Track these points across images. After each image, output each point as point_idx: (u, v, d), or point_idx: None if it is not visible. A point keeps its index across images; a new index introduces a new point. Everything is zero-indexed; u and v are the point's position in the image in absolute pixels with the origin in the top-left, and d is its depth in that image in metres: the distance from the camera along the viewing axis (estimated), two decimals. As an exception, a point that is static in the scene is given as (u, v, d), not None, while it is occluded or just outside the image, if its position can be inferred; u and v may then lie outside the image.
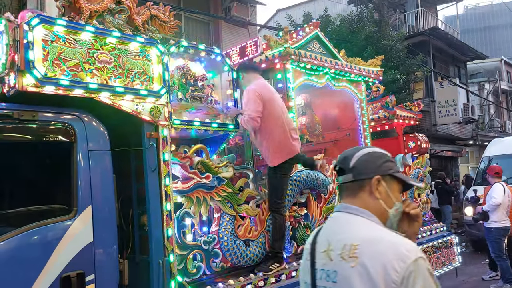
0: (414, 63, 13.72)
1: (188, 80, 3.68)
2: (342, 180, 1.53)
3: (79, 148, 2.82)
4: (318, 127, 5.99)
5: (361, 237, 1.38)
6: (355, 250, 1.34)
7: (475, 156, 21.75)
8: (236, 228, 3.69)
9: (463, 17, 35.05)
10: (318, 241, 1.50)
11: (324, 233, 1.52)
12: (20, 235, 2.52)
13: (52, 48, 2.75)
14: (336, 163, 1.58)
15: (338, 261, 1.38)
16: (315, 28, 5.31)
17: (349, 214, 1.47)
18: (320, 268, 1.45)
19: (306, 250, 1.57)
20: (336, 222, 1.52)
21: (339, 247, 1.39)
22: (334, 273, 1.39)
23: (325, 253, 1.44)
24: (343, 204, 1.52)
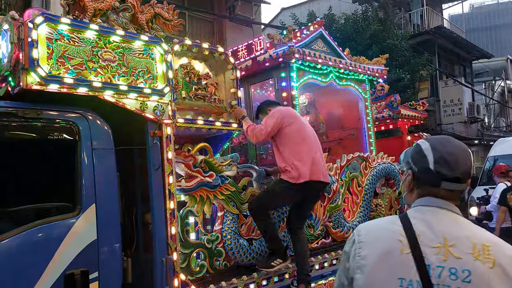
0: (419, 62, 13.66)
1: (191, 78, 3.68)
2: (457, 188, 1.40)
3: (83, 146, 2.83)
4: (322, 126, 5.98)
5: (487, 238, 1.33)
6: (489, 251, 1.28)
7: (480, 156, 21.63)
8: (239, 227, 3.69)
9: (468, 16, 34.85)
10: (421, 234, 1.33)
11: (425, 226, 1.35)
12: (24, 233, 2.52)
13: (57, 47, 2.76)
14: (455, 174, 1.38)
15: (472, 261, 1.27)
16: (319, 27, 5.30)
17: (454, 213, 1.40)
18: (438, 265, 1.28)
19: (394, 242, 1.35)
20: (441, 217, 1.38)
21: (468, 246, 1.29)
22: (465, 272, 1.26)
23: (439, 249, 1.30)
24: (441, 200, 1.40)
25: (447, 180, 1.39)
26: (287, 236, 3.98)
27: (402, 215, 1.43)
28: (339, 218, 4.55)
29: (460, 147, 1.43)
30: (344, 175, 4.75)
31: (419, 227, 1.36)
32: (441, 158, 1.40)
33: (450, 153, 1.40)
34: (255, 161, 5.14)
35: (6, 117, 2.61)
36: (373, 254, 1.35)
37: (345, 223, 4.62)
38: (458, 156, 1.40)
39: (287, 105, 4.64)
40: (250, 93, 5.17)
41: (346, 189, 4.72)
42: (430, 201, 1.41)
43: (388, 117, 6.53)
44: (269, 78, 4.95)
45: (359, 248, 1.40)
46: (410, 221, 1.38)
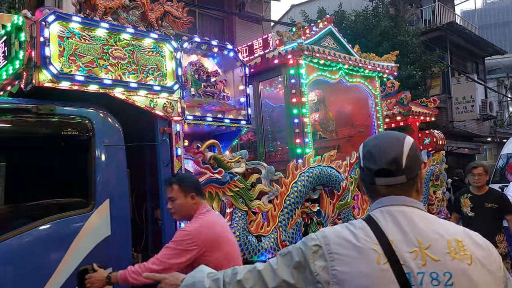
0: (431, 58, 13.51)
1: (201, 76, 3.70)
2: (390, 183, 1.31)
3: (96, 143, 2.86)
4: (331, 124, 5.96)
5: (457, 232, 1.26)
6: (464, 247, 1.21)
7: (494, 153, 21.36)
8: (248, 224, 3.70)
9: (481, 11, 34.38)
10: (394, 239, 1.23)
11: (396, 230, 1.25)
12: (39, 228, 2.57)
13: (68, 45, 2.81)
14: (380, 166, 1.30)
15: (449, 261, 1.19)
16: (328, 24, 5.28)
17: (415, 208, 1.30)
18: (418, 271, 1.18)
19: (369, 252, 1.23)
20: (407, 216, 1.28)
21: (443, 245, 1.21)
22: (446, 275, 1.17)
23: (416, 253, 1.20)
24: (402, 197, 1.31)
25: (378, 175, 1.31)
26: (295, 234, 3.99)
27: (367, 219, 1.31)
28: (349, 216, 4.55)
29: (390, 137, 1.35)
30: (354, 173, 4.74)
31: (391, 231, 1.25)
32: (368, 152, 1.35)
33: (375, 145, 1.34)
34: (264, 158, 5.16)
35: (22, 114, 2.66)
36: (351, 271, 1.21)
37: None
38: (382, 147, 1.32)
39: (296, 103, 4.64)
40: (259, 90, 5.17)
41: (355, 187, 4.71)
42: (393, 200, 1.31)
43: (399, 114, 6.47)
44: (278, 75, 4.95)
45: (331, 260, 1.24)
46: (379, 226, 1.27)
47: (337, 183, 4.47)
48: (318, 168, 4.30)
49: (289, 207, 4.00)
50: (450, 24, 16.66)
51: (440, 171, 6.29)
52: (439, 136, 6.55)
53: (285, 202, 3.99)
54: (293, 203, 4.02)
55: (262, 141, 5.23)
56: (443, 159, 6.42)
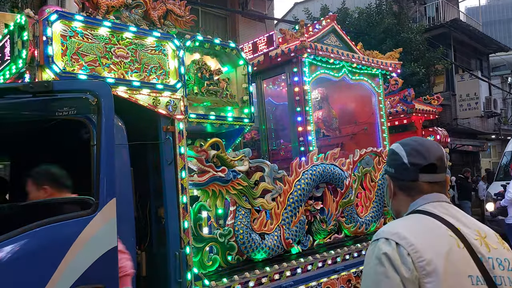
0: (435, 56, 13.47)
1: (203, 74, 3.70)
2: (435, 179, 1.42)
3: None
4: (334, 121, 5.95)
5: (488, 227, 1.41)
6: (502, 240, 1.37)
7: (498, 151, 21.27)
8: (252, 222, 3.70)
9: (485, 8, 34.20)
10: (460, 228, 1.31)
11: (458, 221, 1.34)
12: (20, 236, 2.07)
13: (71, 43, 2.81)
14: (428, 161, 1.39)
15: (503, 249, 1.33)
16: (331, 21, 5.27)
17: (454, 206, 1.44)
18: (488, 256, 1.28)
19: (447, 238, 1.28)
20: (456, 210, 1.40)
21: (493, 235, 1.36)
22: (506, 261, 1.30)
23: (479, 241, 1.30)
24: (444, 195, 1.42)
25: (423, 171, 1.40)
26: (299, 232, 3.99)
27: (424, 212, 1.36)
28: (352, 214, 4.54)
29: (429, 140, 1.51)
30: (357, 170, 4.73)
31: (452, 221, 1.33)
32: (413, 150, 1.43)
33: (421, 143, 1.44)
34: (267, 156, 5.15)
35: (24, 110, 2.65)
36: (439, 257, 1.23)
37: (358, 218, 4.60)
38: (429, 146, 1.43)
39: (299, 101, 4.63)
40: (262, 89, 5.17)
41: (359, 184, 4.70)
42: (439, 196, 1.41)
43: (402, 112, 6.46)
44: (281, 73, 4.94)
45: (414, 252, 1.23)
46: (440, 216, 1.34)
47: (340, 181, 4.46)
48: (322, 166, 4.30)
49: (293, 205, 3.99)
50: (454, 21, 16.60)
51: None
52: (443, 133, 6.53)
53: (289, 200, 3.98)
54: (297, 201, 4.02)
55: (265, 139, 5.23)
56: (447, 157, 6.38)
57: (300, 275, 3.85)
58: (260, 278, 3.55)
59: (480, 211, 12.47)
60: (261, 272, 3.57)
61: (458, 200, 11.81)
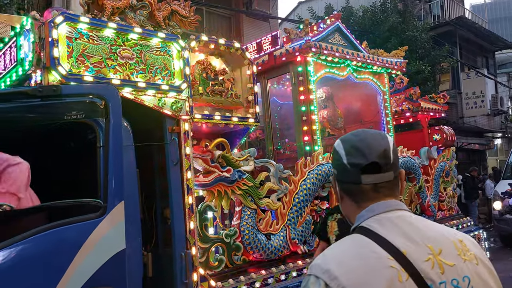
0: (440, 53, 13.38)
1: (208, 74, 3.70)
2: (379, 180, 1.17)
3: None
4: (340, 120, 5.93)
5: (456, 232, 1.19)
6: (466, 246, 1.14)
7: (504, 149, 21.13)
8: (257, 222, 3.70)
9: (491, 5, 33.95)
10: (406, 250, 1.09)
11: (404, 238, 1.11)
12: (30, 238, 2.09)
13: (76, 45, 2.82)
14: (369, 159, 1.17)
15: (463, 264, 1.10)
16: (336, 20, 5.25)
17: (410, 212, 1.20)
18: (440, 281, 1.07)
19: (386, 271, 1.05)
20: (408, 222, 1.16)
21: (451, 248, 1.12)
22: (466, 279, 1.09)
23: (431, 261, 1.09)
24: (394, 201, 1.19)
25: (365, 172, 1.17)
26: (305, 232, 3.98)
27: (367, 232, 1.13)
28: (358, 213, 4.52)
29: (372, 133, 1.23)
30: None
31: (398, 241, 1.10)
32: (352, 148, 1.20)
33: (362, 139, 1.20)
34: (272, 156, 5.15)
35: None
36: None
37: (364, 217, 4.58)
38: (370, 140, 1.19)
39: (304, 100, 4.62)
40: (267, 88, 5.16)
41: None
42: (387, 205, 1.17)
43: (408, 110, 6.42)
44: (286, 72, 4.94)
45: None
46: (383, 237, 1.11)
47: (346, 180, 4.43)
48: (327, 166, 4.28)
49: (298, 205, 3.99)
50: (459, 19, 16.48)
51: (450, 168, 6.23)
52: (449, 132, 6.49)
53: (294, 200, 3.98)
54: (302, 201, 4.01)
55: (270, 138, 5.23)
56: (454, 155, 6.36)
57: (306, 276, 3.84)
58: (266, 279, 3.55)
59: (487, 209, 12.40)
60: (267, 273, 3.57)
61: (465, 199, 11.75)
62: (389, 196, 1.18)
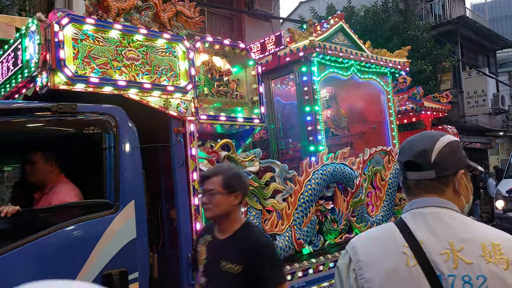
0: (442, 53, 13.37)
1: (213, 75, 3.70)
2: (419, 177, 1.28)
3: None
4: (343, 120, 5.93)
5: (496, 236, 1.20)
6: (501, 251, 1.15)
7: (506, 147, 21.11)
8: (263, 222, 3.69)
9: (492, 4, 33.89)
10: (424, 241, 1.19)
11: (427, 231, 1.21)
12: (58, 232, 2.49)
13: (82, 47, 2.82)
14: (408, 157, 1.30)
15: (484, 264, 1.14)
16: (339, 20, 5.25)
17: (451, 210, 1.26)
18: (449, 274, 1.14)
19: (397, 255, 1.20)
20: (440, 218, 1.23)
21: (477, 248, 1.16)
22: (480, 278, 1.13)
23: (447, 255, 1.16)
24: (436, 198, 1.26)
25: (407, 169, 1.31)
26: (310, 232, 3.98)
27: (398, 222, 1.28)
28: (363, 213, 4.52)
29: (426, 135, 1.35)
30: (367, 169, 4.71)
31: (420, 233, 1.22)
32: (401, 147, 1.37)
33: (409, 140, 1.35)
34: (276, 156, 5.14)
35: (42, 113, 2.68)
36: (378, 275, 1.20)
37: (368, 217, 4.58)
38: (415, 141, 1.33)
39: (308, 100, 4.62)
40: (271, 88, 5.16)
41: (369, 184, 4.67)
42: (425, 202, 1.28)
43: (411, 110, 6.42)
44: (290, 72, 4.94)
45: (359, 269, 1.23)
46: (408, 228, 1.24)
47: (350, 180, 4.44)
48: (332, 166, 4.28)
49: (303, 205, 3.98)
50: (460, 18, 16.48)
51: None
52: (452, 131, 6.49)
53: (299, 200, 3.97)
54: (307, 201, 4.01)
55: (274, 138, 5.23)
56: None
57: (312, 275, 3.84)
58: (272, 279, 3.53)
59: (490, 208, 12.39)
60: (273, 273, 3.56)
61: (468, 198, 11.73)
62: (432, 193, 1.27)
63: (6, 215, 2.43)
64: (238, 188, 2.11)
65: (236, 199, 2.11)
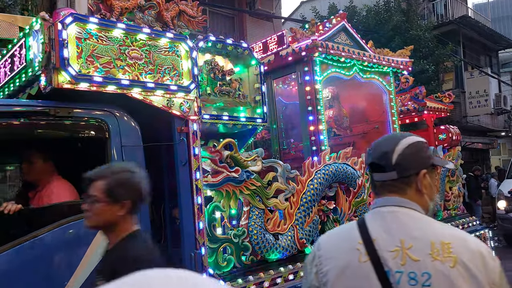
0: (444, 53, 13.36)
1: (216, 74, 3.70)
2: (382, 178, 1.33)
3: (112, 143, 2.88)
4: (345, 120, 5.93)
5: (447, 234, 1.23)
6: (450, 249, 1.19)
7: (508, 148, 21.08)
8: (265, 222, 3.70)
9: (494, 4, 33.81)
10: (377, 238, 1.25)
11: (382, 230, 1.27)
12: (57, 229, 2.58)
13: (86, 46, 2.82)
14: (371, 159, 1.36)
15: (430, 262, 1.18)
16: (342, 20, 5.24)
17: (409, 209, 1.30)
18: (396, 270, 1.20)
19: (352, 251, 1.28)
20: (397, 217, 1.28)
21: (425, 246, 1.20)
22: (425, 275, 1.17)
23: (397, 253, 1.22)
24: (397, 198, 1.31)
25: (372, 170, 1.37)
26: (312, 231, 3.98)
27: (360, 220, 1.35)
28: (365, 213, 4.52)
29: (390, 136, 1.41)
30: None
31: (376, 231, 1.27)
32: (368, 149, 1.41)
33: (375, 143, 1.40)
34: (278, 156, 5.15)
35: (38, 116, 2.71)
36: (334, 269, 1.27)
37: (370, 217, 4.58)
38: (379, 144, 1.38)
39: (310, 100, 4.62)
40: (273, 88, 5.16)
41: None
42: (386, 201, 1.33)
43: (413, 110, 6.41)
44: (292, 72, 4.93)
45: (319, 264, 1.31)
46: (366, 226, 1.30)
47: (353, 180, 4.44)
48: (334, 166, 4.28)
49: (306, 205, 3.98)
50: (462, 18, 16.46)
51: (456, 167, 6.21)
52: (455, 131, 6.48)
53: (302, 200, 3.98)
54: (310, 200, 4.01)
55: (276, 138, 5.23)
56: (459, 155, 6.34)
57: (314, 275, 3.83)
58: (274, 279, 3.54)
59: (492, 209, 12.37)
60: (275, 272, 3.57)
61: (468, 198, 11.72)
62: (394, 193, 1.32)
63: (9, 212, 2.48)
64: (125, 196, 1.82)
65: (123, 208, 1.81)
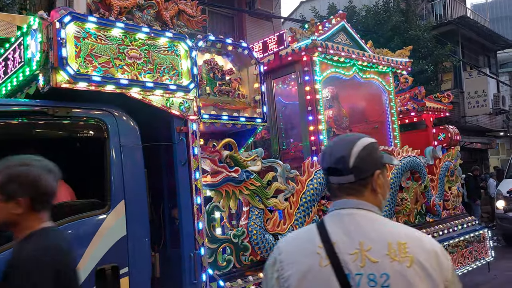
0: (443, 53, 13.36)
1: (215, 74, 3.69)
2: (340, 181, 1.35)
3: (111, 143, 2.86)
4: (345, 120, 5.91)
5: (403, 234, 1.26)
6: (406, 249, 1.21)
7: (506, 148, 21.12)
8: (265, 222, 3.68)
9: (492, 4, 33.85)
10: (337, 241, 1.26)
11: (342, 232, 1.28)
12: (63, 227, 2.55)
13: (84, 45, 2.80)
14: (327, 164, 1.37)
15: (388, 262, 1.20)
16: (341, 20, 5.24)
17: (367, 211, 1.32)
18: (356, 273, 1.21)
19: (312, 255, 1.27)
20: (355, 219, 1.30)
21: (383, 247, 1.22)
22: (383, 276, 1.19)
23: (356, 255, 1.23)
24: (355, 200, 1.33)
25: (328, 174, 1.38)
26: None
27: (319, 223, 1.35)
28: (364, 213, 4.51)
29: (344, 139, 1.40)
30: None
31: (336, 233, 1.28)
32: (322, 153, 1.42)
33: (329, 146, 1.41)
34: (278, 156, 5.13)
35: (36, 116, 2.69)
36: (295, 274, 1.26)
37: (370, 217, 4.57)
38: (334, 147, 1.38)
39: (310, 100, 4.61)
40: (273, 88, 5.15)
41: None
42: (344, 203, 1.34)
43: (413, 110, 6.41)
44: (292, 72, 4.92)
45: (281, 269, 1.30)
46: (326, 229, 1.30)
47: (352, 180, 4.42)
48: (334, 166, 4.26)
49: (305, 205, 3.97)
50: (461, 18, 16.49)
51: (455, 167, 6.20)
52: (454, 131, 6.48)
53: (301, 200, 3.96)
54: (309, 200, 4.00)
55: (275, 138, 5.21)
56: (458, 155, 6.34)
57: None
58: (274, 279, 3.52)
59: (491, 208, 12.38)
60: (275, 273, 3.55)
61: (467, 198, 11.72)
62: (351, 195, 1.34)
63: None
64: (19, 193, 1.62)
65: (19, 206, 1.62)
